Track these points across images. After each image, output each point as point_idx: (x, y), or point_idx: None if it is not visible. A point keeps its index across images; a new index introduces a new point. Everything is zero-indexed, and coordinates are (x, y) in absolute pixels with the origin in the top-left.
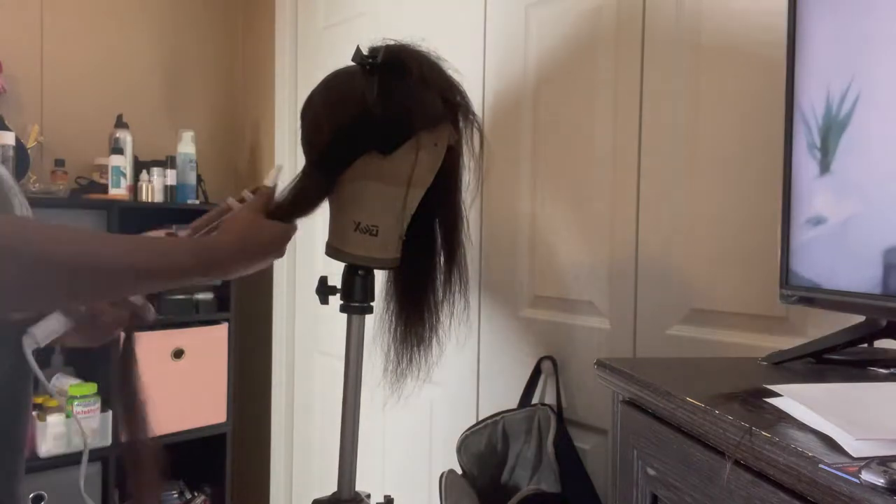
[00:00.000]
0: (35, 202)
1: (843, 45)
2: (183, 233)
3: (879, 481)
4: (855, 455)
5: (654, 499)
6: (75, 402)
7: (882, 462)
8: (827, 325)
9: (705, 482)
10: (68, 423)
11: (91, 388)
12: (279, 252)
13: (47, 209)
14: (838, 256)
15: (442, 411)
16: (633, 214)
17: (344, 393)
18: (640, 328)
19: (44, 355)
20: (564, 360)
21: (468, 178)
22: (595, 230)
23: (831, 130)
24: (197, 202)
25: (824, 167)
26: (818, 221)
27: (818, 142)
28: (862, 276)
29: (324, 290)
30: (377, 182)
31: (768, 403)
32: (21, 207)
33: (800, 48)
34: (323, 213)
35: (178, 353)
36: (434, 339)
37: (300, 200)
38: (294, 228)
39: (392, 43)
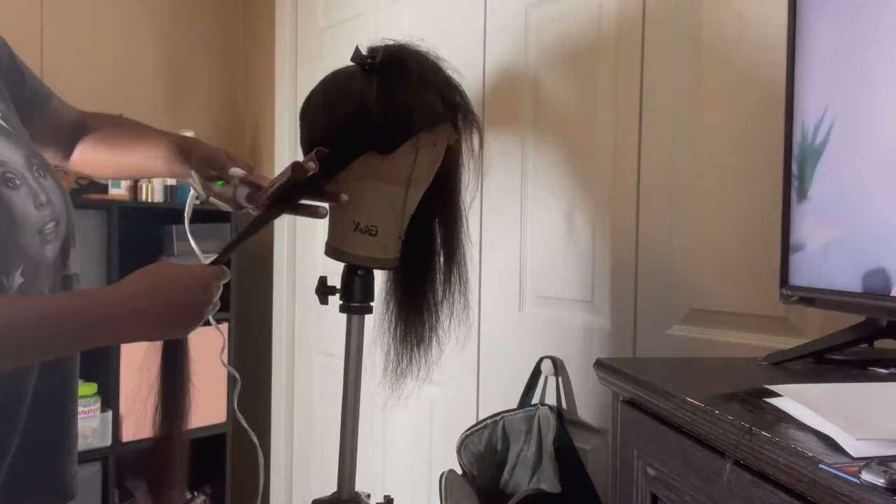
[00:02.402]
0: None
1: (818, 74)
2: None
3: (879, 481)
4: (855, 455)
5: (654, 499)
6: None
7: (882, 462)
8: (827, 325)
9: (705, 482)
10: None
11: (91, 388)
12: (199, 298)
13: None
14: (819, 282)
15: (442, 411)
16: (633, 214)
17: (344, 393)
18: (640, 328)
19: None
20: (564, 359)
21: (468, 178)
22: (595, 229)
23: (807, 158)
24: (197, 202)
25: (801, 194)
26: (798, 248)
27: (796, 170)
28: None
29: (324, 290)
30: (377, 182)
31: (768, 403)
32: (31, 195)
33: (799, 62)
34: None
35: None
36: (434, 339)
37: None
38: (221, 271)
39: (391, 43)
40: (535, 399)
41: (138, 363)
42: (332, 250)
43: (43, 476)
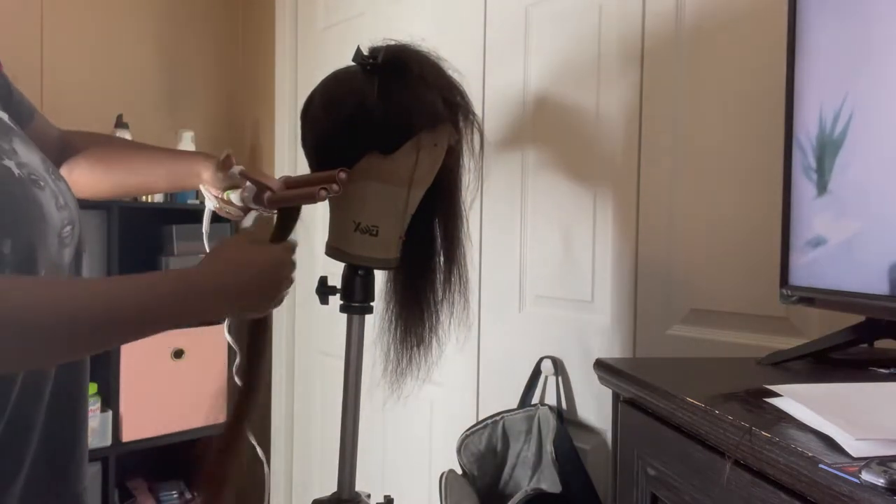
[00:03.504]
0: None
1: (835, 65)
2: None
3: (879, 481)
4: (855, 455)
5: (654, 499)
6: None
7: (882, 462)
8: (827, 325)
9: (705, 482)
10: None
11: (91, 388)
12: (277, 275)
13: None
14: (842, 275)
15: (442, 411)
16: (633, 214)
17: (344, 393)
18: (640, 328)
19: None
20: (564, 359)
21: (468, 179)
22: (595, 230)
23: (826, 151)
24: (197, 202)
25: (821, 188)
26: (818, 243)
27: (813, 163)
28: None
29: (324, 290)
30: (378, 182)
31: (768, 403)
32: (53, 196)
33: (799, 63)
34: (323, 213)
35: (178, 353)
36: (434, 339)
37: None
38: (291, 245)
39: (392, 43)
40: (535, 399)
41: (138, 363)
42: (333, 250)
43: (57, 488)
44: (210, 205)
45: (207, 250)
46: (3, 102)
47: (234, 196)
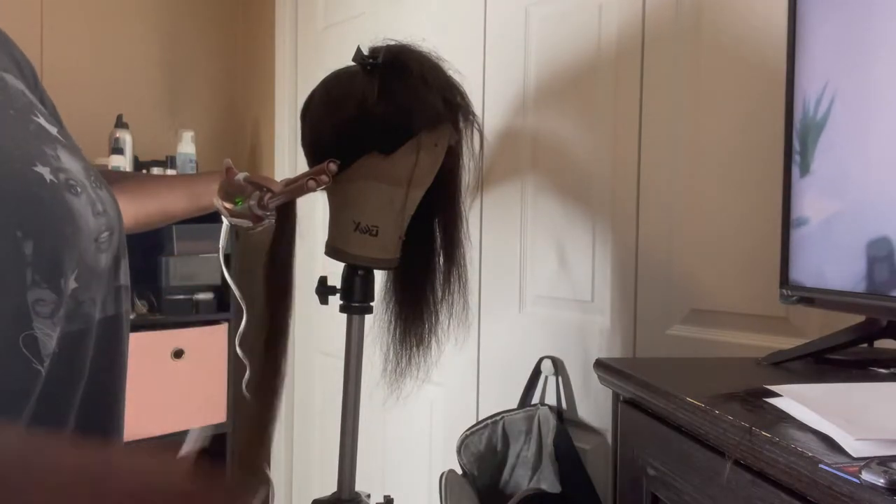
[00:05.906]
0: None
1: (819, 51)
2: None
3: (879, 481)
4: (855, 455)
5: (655, 499)
6: None
7: (882, 462)
8: (827, 325)
9: (705, 482)
10: None
11: None
12: None
13: None
14: (823, 254)
15: (442, 411)
16: (633, 214)
17: (344, 393)
18: (640, 328)
19: None
20: (564, 359)
21: (468, 179)
22: (595, 230)
23: (809, 132)
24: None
25: (804, 169)
26: (801, 222)
27: (797, 145)
28: (846, 272)
29: (323, 290)
30: (377, 182)
31: (768, 403)
32: (90, 203)
33: (799, 54)
34: (323, 213)
35: (178, 353)
36: (433, 340)
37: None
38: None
39: (392, 43)
40: (535, 399)
41: (138, 363)
42: (333, 250)
43: None
44: (224, 219)
45: (223, 266)
46: (59, 126)
47: (244, 207)
